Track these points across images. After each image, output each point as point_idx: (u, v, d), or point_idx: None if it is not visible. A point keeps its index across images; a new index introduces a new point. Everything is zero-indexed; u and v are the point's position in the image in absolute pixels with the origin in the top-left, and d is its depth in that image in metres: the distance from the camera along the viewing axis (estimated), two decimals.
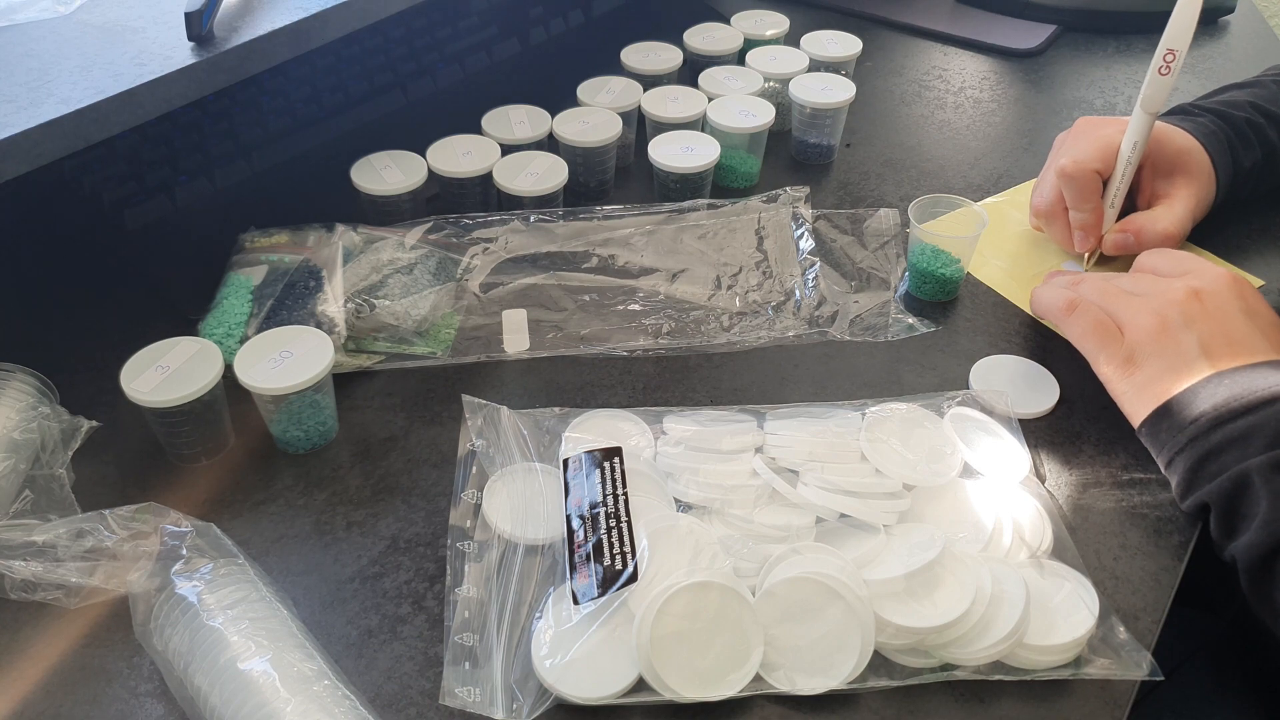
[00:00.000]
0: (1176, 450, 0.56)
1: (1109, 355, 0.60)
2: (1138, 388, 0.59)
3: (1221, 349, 0.57)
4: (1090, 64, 1.01)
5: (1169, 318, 0.59)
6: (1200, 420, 0.55)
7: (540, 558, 0.54)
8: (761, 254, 0.75)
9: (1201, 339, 0.57)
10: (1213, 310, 0.58)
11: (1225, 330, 0.58)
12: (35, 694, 0.49)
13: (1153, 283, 0.62)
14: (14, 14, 0.68)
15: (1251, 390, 0.55)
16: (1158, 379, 0.58)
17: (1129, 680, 0.50)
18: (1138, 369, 0.59)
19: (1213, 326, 0.58)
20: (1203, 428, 0.55)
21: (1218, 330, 0.58)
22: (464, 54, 0.90)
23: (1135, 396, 0.59)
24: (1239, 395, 0.55)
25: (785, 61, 0.89)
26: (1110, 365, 0.60)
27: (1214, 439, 0.54)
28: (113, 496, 0.58)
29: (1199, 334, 0.57)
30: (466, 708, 0.48)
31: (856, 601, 0.49)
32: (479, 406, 0.61)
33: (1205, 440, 0.55)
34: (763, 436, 0.58)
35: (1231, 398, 0.55)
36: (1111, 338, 0.60)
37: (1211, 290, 0.59)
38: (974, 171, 0.85)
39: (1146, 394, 0.58)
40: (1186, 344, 0.57)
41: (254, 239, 0.71)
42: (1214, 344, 0.57)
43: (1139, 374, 0.59)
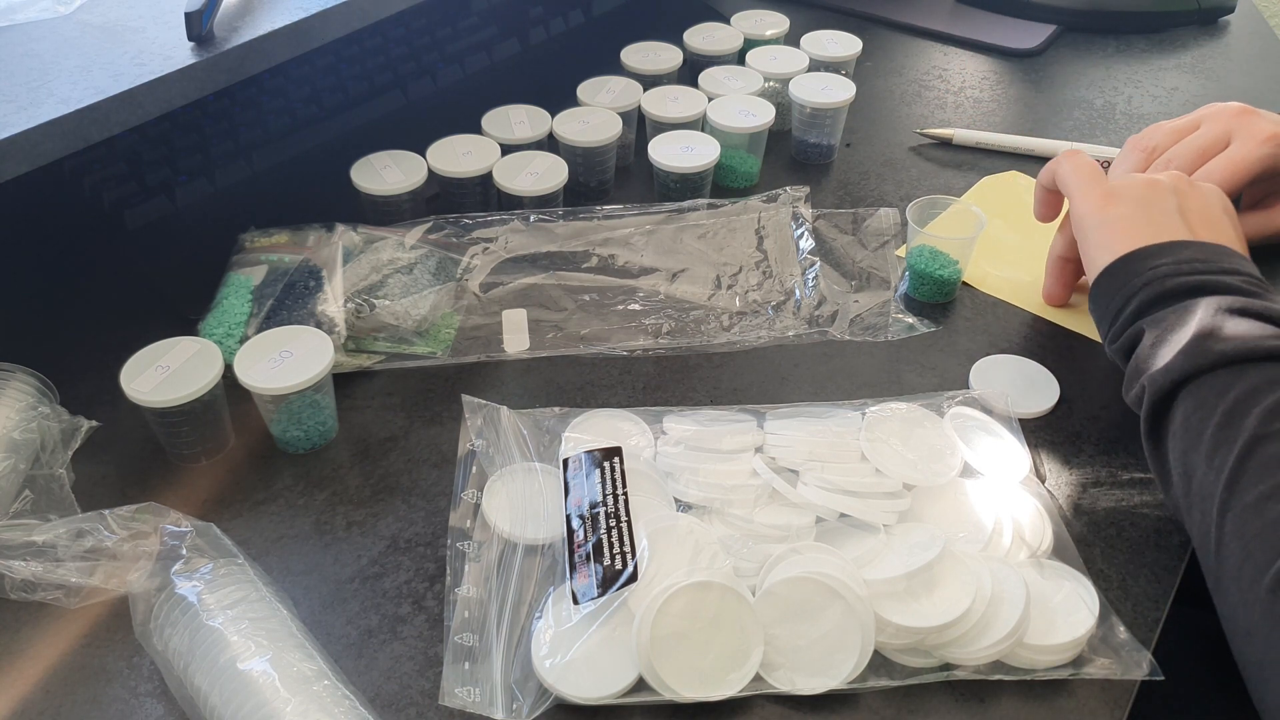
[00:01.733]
0: (1129, 294, 0.56)
1: (1089, 189, 0.61)
2: (1111, 223, 0.59)
3: (1198, 223, 0.58)
4: (1090, 64, 1.01)
5: (1161, 181, 0.60)
6: (1160, 268, 0.56)
7: (540, 558, 0.54)
8: (761, 254, 0.75)
9: (1182, 206, 0.59)
10: (1198, 194, 0.60)
11: (1205, 212, 0.59)
12: (35, 694, 0.49)
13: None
14: (14, 14, 0.68)
15: (1215, 259, 0.55)
16: (1132, 220, 0.58)
17: (1129, 680, 0.50)
18: (1114, 205, 0.59)
19: (1195, 204, 0.59)
20: (1160, 274, 0.55)
21: (1198, 208, 0.59)
22: (464, 54, 0.90)
23: (1107, 232, 0.59)
24: (1204, 258, 0.55)
25: (785, 61, 0.89)
26: (1088, 199, 0.61)
27: (1169, 285, 0.55)
28: (113, 496, 0.58)
29: (1181, 202, 0.59)
30: (466, 708, 0.48)
31: (856, 601, 0.49)
32: (479, 406, 0.61)
33: (1160, 284, 0.55)
34: (763, 436, 0.58)
35: (1196, 259, 0.55)
36: (1096, 176, 0.62)
37: (1204, 187, 0.61)
38: (974, 171, 0.85)
39: (1117, 231, 0.58)
40: (1168, 203, 0.59)
41: (254, 239, 0.71)
42: (1192, 216, 0.58)
43: (1114, 210, 0.59)
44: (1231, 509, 0.47)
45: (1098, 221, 0.60)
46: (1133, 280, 0.56)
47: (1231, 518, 0.47)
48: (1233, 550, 0.46)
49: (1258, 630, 0.45)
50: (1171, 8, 1.06)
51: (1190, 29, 1.07)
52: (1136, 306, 0.56)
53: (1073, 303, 0.71)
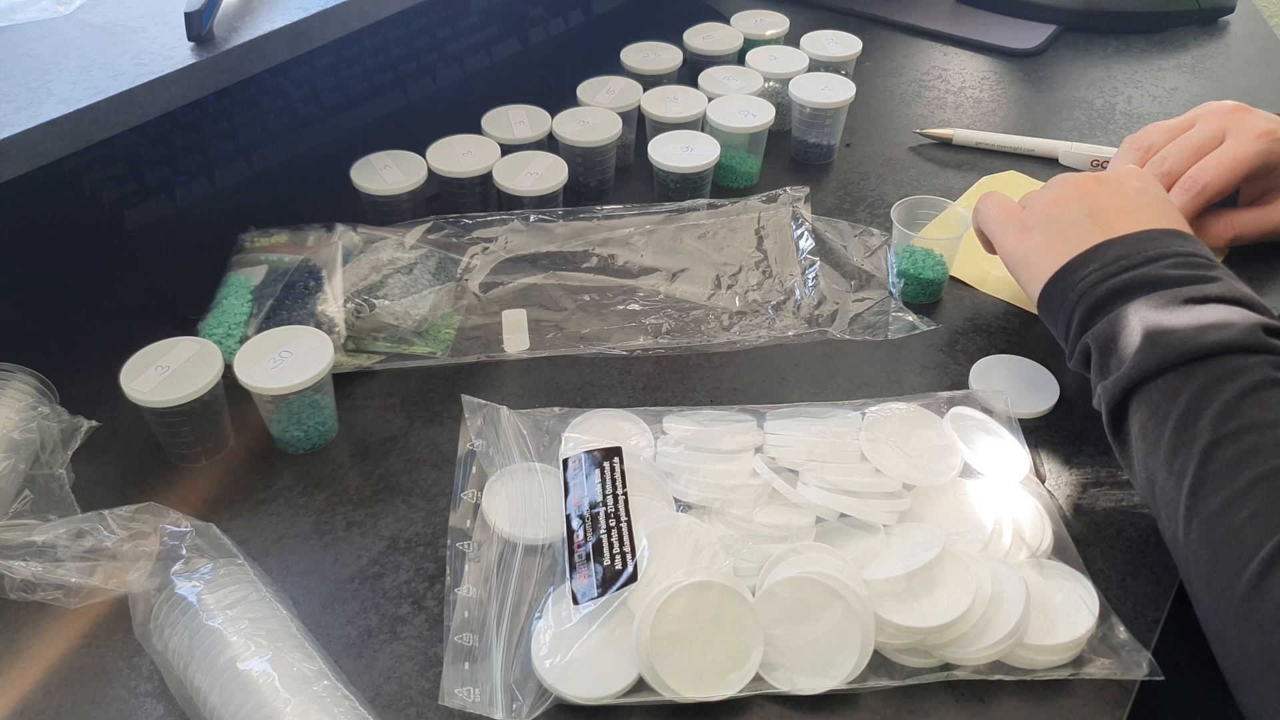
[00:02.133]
0: (1069, 311, 0.57)
1: (1004, 230, 0.63)
2: (1031, 255, 0.60)
3: (1111, 217, 0.58)
4: (1090, 64, 1.01)
5: (1064, 193, 0.61)
6: (1088, 276, 0.56)
7: (540, 558, 0.54)
8: (761, 254, 0.75)
9: (1092, 209, 0.59)
10: (1106, 186, 0.61)
11: (1116, 202, 0.59)
12: (35, 694, 0.49)
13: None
14: (14, 14, 0.68)
15: (1139, 250, 0.56)
16: (1049, 244, 0.59)
17: (1129, 680, 0.50)
18: (1028, 237, 0.61)
19: (1104, 200, 0.60)
20: (1089, 284, 0.56)
21: (1109, 202, 0.59)
22: (464, 54, 0.90)
23: (1031, 264, 0.60)
24: (1127, 254, 0.56)
25: (785, 61, 0.89)
26: (1005, 241, 0.62)
27: (1100, 291, 0.55)
28: (112, 496, 0.58)
29: (1090, 205, 0.59)
30: (466, 708, 0.48)
31: (856, 601, 0.49)
32: (479, 406, 0.61)
33: (1093, 293, 0.55)
34: (763, 436, 0.58)
35: (1120, 256, 0.56)
36: (1011, 212, 0.63)
37: (1110, 175, 0.62)
38: (974, 171, 0.85)
39: (1040, 260, 0.59)
40: (1076, 213, 0.59)
41: (254, 239, 0.71)
42: (1104, 213, 0.59)
43: (1029, 243, 0.61)
44: (1196, 515, 0.47)
45: (1020, 259, 0.61)
46: (1067, 296, 0.57)
47: (1197, 524, 0.47)
48: (1201, 558, 0.47)
49: (1232, 637, 0.45)
50: (1171, 8, 1.06)
51: (1190, 29, 1.07)
52: (1079, 322, 0.56)
53: None
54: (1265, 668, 0.43)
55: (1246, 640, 0.44)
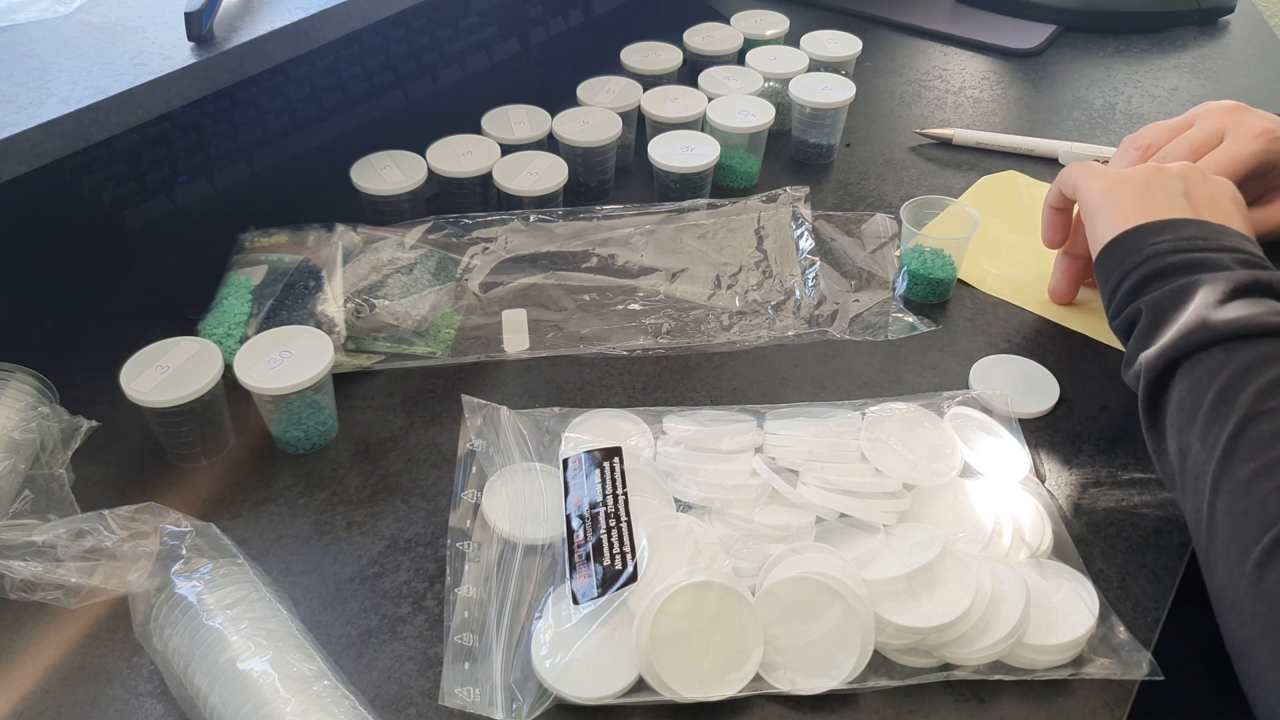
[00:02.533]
0: (1128, 270, 0.56)
1: (1097, 176, 0.62)
2: (1116, 201, 0.59)
3: (1203, 206, 0.58)
4: (1090, 64, 1.01)
5: (1167, 166, 0.61)
6: (1161, 244, 0.56)
7: (540, 558, 0.54)
8: (761, 254, 0.75)
9: (1189, 191, 0.59)
10: (1207, 182, 0.60)
11: (1212, 197, 0.59)
12: (35, 694, 0.49)
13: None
14: (14, 14, 0.68)
15: (1216, 237, 0.56)
16: (1137, 199, 0.59)
17: (1129, 680, 0.50)
18: (1121, 185, 0.60)
19: (1202, 190, 0.59)
20: (1160, 250, 0.55)
21: (1204, 193, 0.59)
22: (464, 54, 0.90)
23: (1111, 210, 0.59)
24: (1204, 236, 0.56)
25: (785, 61, 0.89)
26: (1096, 183, 0.61)
27: (1168, 261, 0.55)
28: (112, 496, 0.58)
29: (1188, 187, 0.59)
30: (466, 708, 0.48)
31: (856, 601, 0.49)
32: (479, 406, 0.61)
33: (1159, 260, 0.55)
34: (763, 436, 0.58)
35: (1196, 236, 0.56)
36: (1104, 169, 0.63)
37: (1212, 177, 0.61)
38: (974, 171, 0.85)
39: (1121, 210, 0.59)
40: (1173, 185, 0.59)
41: (254, 239, 0.71)
42: (1198, 200, 0.59)
43: (1120, 190, 0.60)
44: (1223, 486, 0.47)
45: (1103, 200, 0.60)
46: (1132, 256, 0.57)
47: (1223, 495, 0.47)
48: (1223, 527, 0.47)
49: (1243, 605, 0.45)
50: (1171, 8, 1.06)
51: (1190, 29, 1.07)
52: (1135, 283, 0.56)
53: (1075, 301, 0.71)
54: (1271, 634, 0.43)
55: (1255, 607, 0.44)
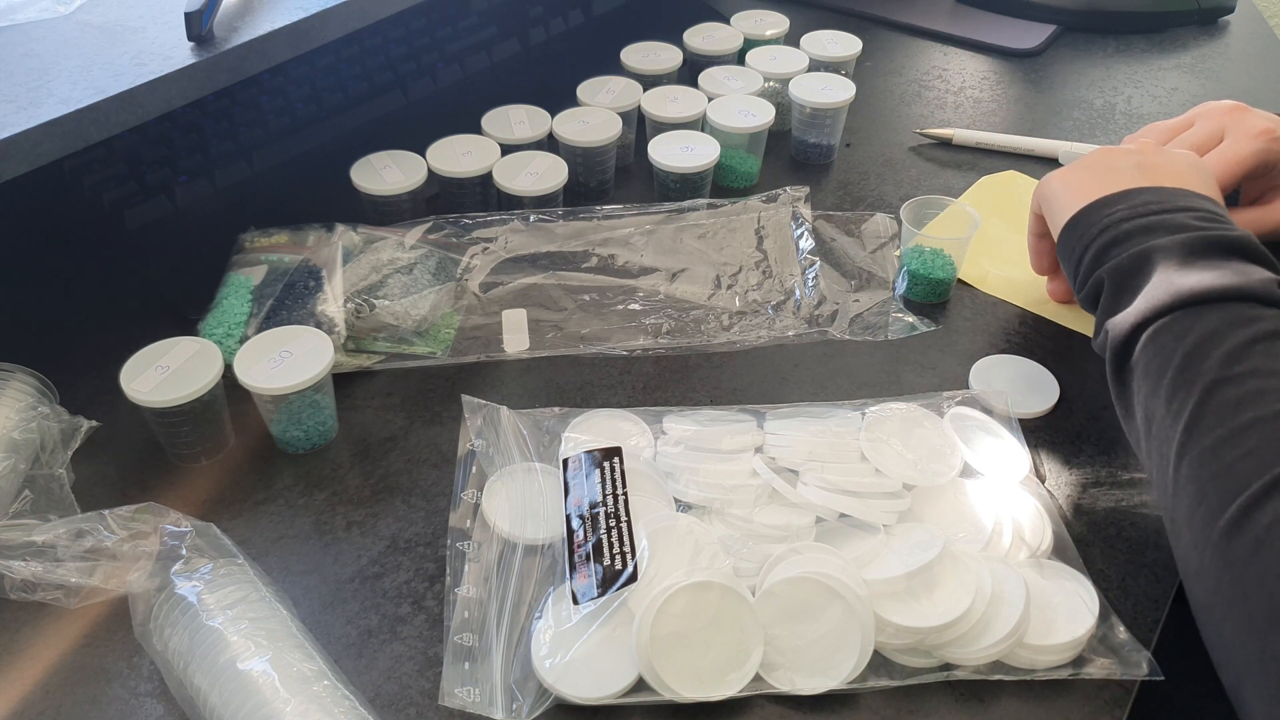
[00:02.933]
0: (1087, 243, 0.57)
1: (1053, 173, 0.63)
2: (1068, 185, 0.61)
3: (1157, 173, 0.59)
4: (1090, 64, 1.01)
5: (1120, 147, 0.62)
6: (1115, 214, 0.57)
7: (540, 558, 0.54)
8: (761, 254, 0.75)
9: (1141, 162, 0.60)
10: (1162, 153, 0.61)
11: (1166, 164, 0.60)
12: (35, 694, 0.49)
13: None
14: (14, 14, 0.68)
15: (1172, 200, 0.56)
16: (1088, 178, 0.60)
17: (1129, 680, 0.50)
18: (1073, 171, 0.62)
19: (1155, 158, 0.60)
20: (1115, 219, 0.56)
21: (1158, 163, 0.60)
22: (464, 54, 0.90)
23: (1065, 194, 0.60)
24: (1159, 200, 0.56)
25: (785, 61, 0.89)
26: (1053, 178, 0.62)
27: (1123, 228, 0.56)
28: (112, 496, 0.58)
29: (1140, 159, 0.60)
30: (466, 708, 0.48)
31: (856, 601, 0.49)
32: (479, 406, 0.61)
33: (1115, 229, 0.56)
34: (762, 436, 0.58)
35: (1151, 201, 0.56)
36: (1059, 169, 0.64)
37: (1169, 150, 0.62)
38: (974, 171, 0.85)
39: (1073, 192, 0.60)
40: (1126, 161, 0.60)
41: (254, 239, 0.71)
42: (1151, 168, 0.59)
43: (1072, 175, 0.61)
44: (1189, 452, 0.47)
45: (1059, 187, 0.62)
46: (1090, 229, 0.57)
47: (1188, 461, 0.47)
48: (1188, 493, 0.46)
49: (1209, 571, 0.45)
50: (1171, 8, 1.06)
51: (1190, 29, 1.07)
52: (1094, 254, 0.57)
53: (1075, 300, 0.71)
54: (1235, 601, 0.43)
55: (1221, 574, 0.44)
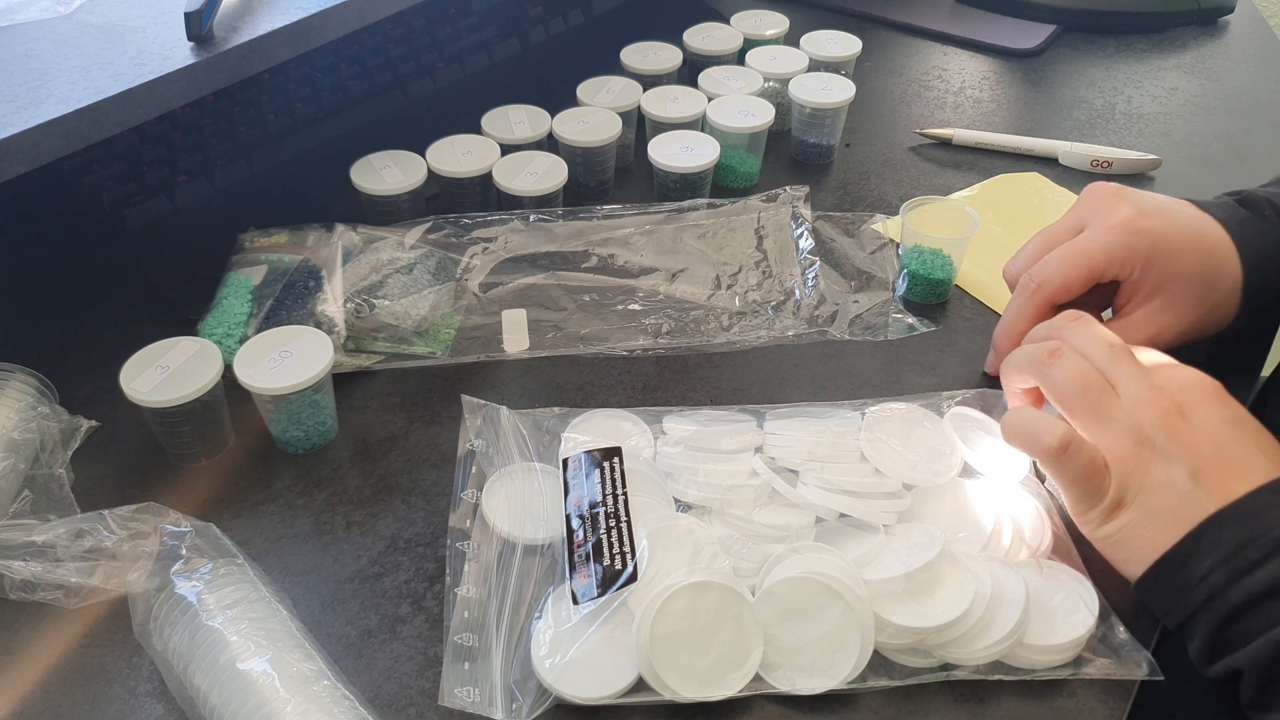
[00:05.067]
0: (1189, 613, 0.47)
1: (1097, 502, 0.50)
2: (1126, 535, 0.49)
3: (1217, 476, 0.47)
4: (1090, 64, 1.01)
5: (1152, 441, 0.49)
6: (1212, 577, 0.46)
7: (540, 557, 0.54)
8: (761, 254, 0.75)
9: (1193, 470, 0.48)
10: (1200, 429, 0.49)
11: (1217, 453, 0.48)
12: (35, 694, 0.49)
13: (1131, 377, 0.51)
14: (14, 14, 0.68)
15: (1264, 531, 0.46)
16: (1148, 525, 0.49)
17: (1129, 680, 0.50)
18: (1123, 512, 0.49)
19: (1198, 445, 0.48)
20: (1217, 586, 0.46)
21: (1205, 449, 0.48)
22: (464, 54, 0.90)
23: (1124, 549, 0.50)
24: (1251, 538, 0.46)
25: (785, 61, 0.89)
26: (1097, 515, 0.51)
27: (1233, 597, 0.45)
28: (112, 496, 0.58)
29: (1190, 462, 0.48)
30: (465, 708, 0.48)
31: (856, 601, 0.49)
32: (478, 406, 0.61)
33: (1224, 599, 0.46)
34: (762, 436, 0.58)
35: (1243, 543, 0.46)
36: (1101, 482, 0.50)
37: (1195, 405, 0.50)
38: (973, 172, 0.85)
39: (1137, 544, 0.49)
40: (1177, 480, 0.48)
41: (254, 239, 0.71)
42: (1207, 469, 0.48)
43: (1123, 518, 0.49)
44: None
45: (1109, 541, 0.51)
46: (1184, 596, 0.47)
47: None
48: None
49: None
50: (1171, 8, 1.06)
51: (1190, 29, 1.07)
52: (1211, 634, 0.47)
53: None
54: None
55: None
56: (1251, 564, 0.45)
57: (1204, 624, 0.47)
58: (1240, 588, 0.45)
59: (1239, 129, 0.91)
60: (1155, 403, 0.49)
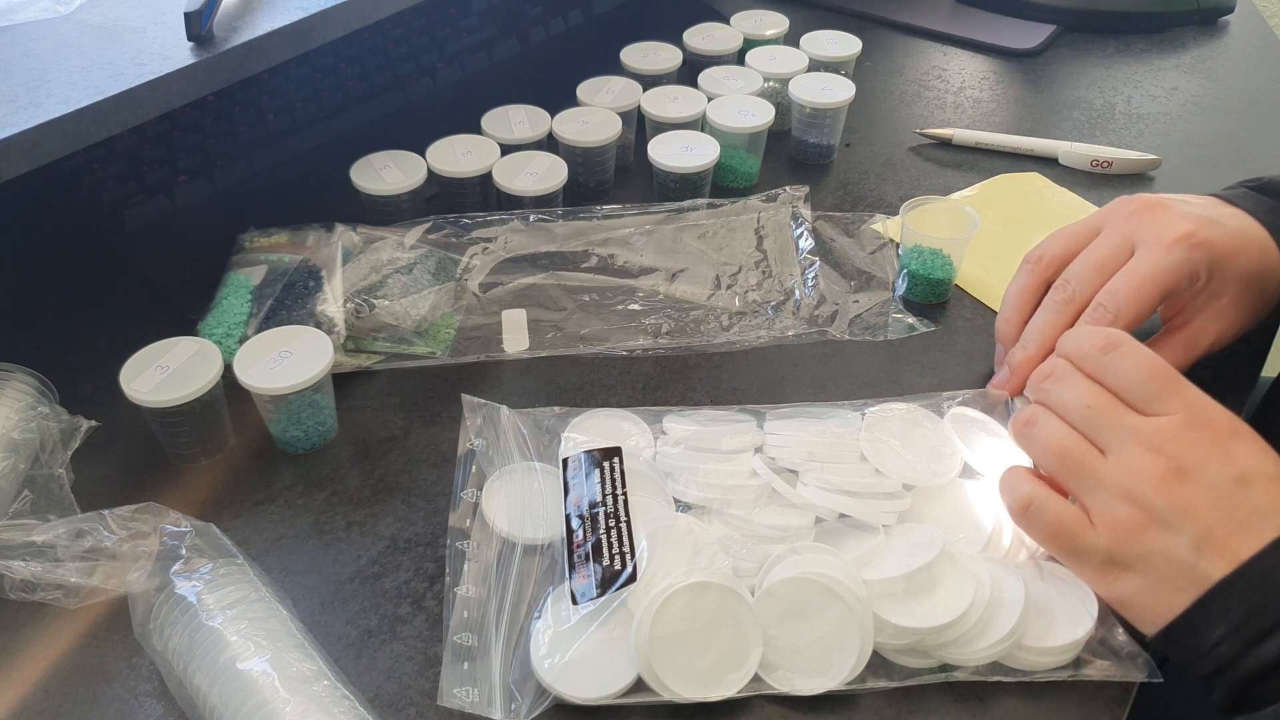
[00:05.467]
0: (1202, 675, 0.47)
1: (1083, 561, 0.49)
2: (1129, 600, 0.48)
3: (1222, 540, 0.46)
4: (1090, 64, 1.01)
5: (1150, 508, 0.47)
6: (1222, 648, 0.45)
7: (539, 557, 0.54)
8: (761, 253, 0.75)
9: (1196, 537, 0.46)
10: (1202, 492, 0.46)
11: (1223, 516, 0.46)
12: (35, 694, 0.50)
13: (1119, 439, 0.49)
14: (14, 14, 0.68)
15: (1275, 597, 0.44)
16: (1150, 593, 0.47)
17: (1128, 682, 0.50)
18: (1123, 575, 0.48)
19: (1206, 517, 0.46)
20: (1228, 658, 0.45)
21: (1214, 520, 0.46)
22: (464, 54, 0.90)
23: (1129, 609, 0.48)
24: (1260, 606, 0.44)
25: (785, 61, 0.89)
26: (1088, 572, 0.49)
27: (1246, 666, 0.44)
28: (112, 496, 0.58)
29: (1192, 532, 0.46)
30: (464, 708, 0.48)
31: (855, 602, 0.49)
32: (478, 406, 0.61)
33: (1235, 670, 0.45)
34: (762, 436, 0.58)
35: (1251, 611, 0.44)
36: (1079, 538, 0.49)
37: (1196, 465, 0.47)
38: (973, 172, 0.85)
39: (1141, 610, 0.48)
40: (1178, 549, 0.46)
41: (254, 239, 0.71)
42: (1211, 540, 0.46)
43: (1125, 583, 0.48)
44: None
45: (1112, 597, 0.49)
46: (1196, 663, 0.46)
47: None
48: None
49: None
50: (1171, 8, 1.06)
51: (1190, 29, 1.07)
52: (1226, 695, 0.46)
53: None
54: None
55: None
56: (1262, 633, 0.44)
57: (1219, 689, 0.46)
58: (1253, 658, 0.44)
59: (1239, 129, 0.91)
60: (1150, 467, 0.47)
